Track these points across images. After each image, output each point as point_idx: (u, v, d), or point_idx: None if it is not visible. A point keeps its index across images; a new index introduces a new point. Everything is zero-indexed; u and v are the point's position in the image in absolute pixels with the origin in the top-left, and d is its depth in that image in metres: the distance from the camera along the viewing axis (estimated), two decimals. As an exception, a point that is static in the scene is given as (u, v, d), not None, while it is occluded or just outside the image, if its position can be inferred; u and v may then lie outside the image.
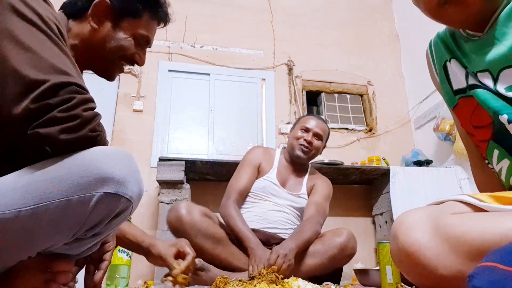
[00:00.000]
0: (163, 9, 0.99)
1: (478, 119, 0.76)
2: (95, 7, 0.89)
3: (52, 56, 0.68)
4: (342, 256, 1.61)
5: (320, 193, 1.88)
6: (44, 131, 0.64)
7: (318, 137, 1.91)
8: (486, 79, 0.72)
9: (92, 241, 0.77)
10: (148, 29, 0.96)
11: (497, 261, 0.40)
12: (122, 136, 3.15)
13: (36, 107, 0.64)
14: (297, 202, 1.87)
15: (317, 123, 1.92)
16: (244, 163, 1.91)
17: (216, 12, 3.69)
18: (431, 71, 0.92)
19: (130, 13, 0.92)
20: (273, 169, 1.91)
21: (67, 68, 0.69)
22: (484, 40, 0.74)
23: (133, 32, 0.93)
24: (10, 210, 0.62)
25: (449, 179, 2.86)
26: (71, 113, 0.65)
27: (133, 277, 2.54)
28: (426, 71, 0.96)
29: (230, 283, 1.16)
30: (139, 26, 0.94)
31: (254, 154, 1.95)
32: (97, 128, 0.70)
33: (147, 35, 0.97)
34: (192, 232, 1.58)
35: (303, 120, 1.95)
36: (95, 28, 0.89)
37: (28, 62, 0.66)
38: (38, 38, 0.69)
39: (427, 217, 0.63)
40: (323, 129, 1.93)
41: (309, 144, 1.87)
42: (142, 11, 0.94)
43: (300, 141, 1.88)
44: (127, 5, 0.92)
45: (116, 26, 0.91)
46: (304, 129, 1.90)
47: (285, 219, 1.81)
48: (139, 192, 0.72)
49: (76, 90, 0.67)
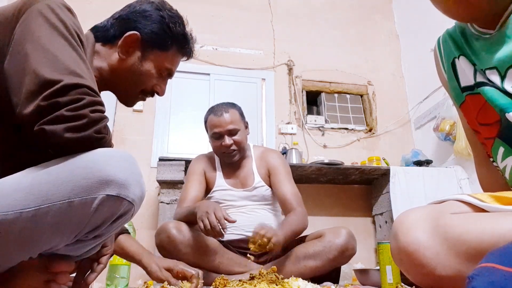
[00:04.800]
0: (189, 45, 1.03)
1: (485, 116, 0.75)
2: (126, 38, 0.93)
3: (69, 59, 0.71)
4: (342, 257, 1.59)
5: (282, 177, 1.77)
6: (50, 128, 0.65)
7: (234, 132, 1.75)
8: (494, 76, 0.72)
9: (93, 243, 0.78)
10: (173, 63, 1.01)
11: (496, 262, 0.39)
12: (122, 136, 3.15)
13: (46, 104, 0.65)
14: (256, 194, 1.80)
15: (222, 119, 1.74)
16: (188, 176, 1.85)
17: (216, 12, 3.69)
18: (438, 67, 0.91)
19: (158, 46, 0.96)
20: (219, 175, 1.84)
21: (82, 72, 0.71)
22: (494, 38, 0.73)
23: (159, 64, 0.97)
24: (12, 211, 0.62)
25: (449, 179, 2.86)
26: (78, 113, 0.66)
27: (133, 277, 2.54)
28: (426, 71, 0.97)
29: (230, 283, 1.16)
30: (165, 59, 0.98)
31: (196, 163, 1.89)
32: (103, 131, 0.70)
33: (171, 68, 1.01)
34: (187, 250, 1.55)
35: (210, 125, 1.78)
36: (122, 58, 0.93)
37: (45, 63, 0.68)
38: (59, 41, 0.72)
39: (427, 216, 0.63)
40: (231, 119, 1.75)
41: (231, 146, 1.74)
42: (170, 45, 0.98)
43: (221, 149, 1.77)
44: (157, 39, 0.95)
45: (143, 57, 0.95)
46: (216, 136, 1.77)
47: (256, 217, 1.77)
48: (141, 195, 0.72)
49: (86, 92, 0.69)
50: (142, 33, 0.94)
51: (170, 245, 1.56)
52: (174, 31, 0.97)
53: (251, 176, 1.84)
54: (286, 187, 1.75)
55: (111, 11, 1.04)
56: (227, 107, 1.80)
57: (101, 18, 1.05)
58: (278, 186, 1.77)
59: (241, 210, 1.78)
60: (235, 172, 1.86)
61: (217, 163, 1.89)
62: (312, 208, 3.08)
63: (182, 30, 1.00)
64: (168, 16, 0.97)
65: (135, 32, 0.93)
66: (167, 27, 0.96)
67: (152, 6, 0.97)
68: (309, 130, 3.48)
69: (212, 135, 1.78)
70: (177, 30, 0.98)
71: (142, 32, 0.94)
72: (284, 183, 1.77)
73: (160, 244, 1.59)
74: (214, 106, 1.85)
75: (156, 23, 0.95)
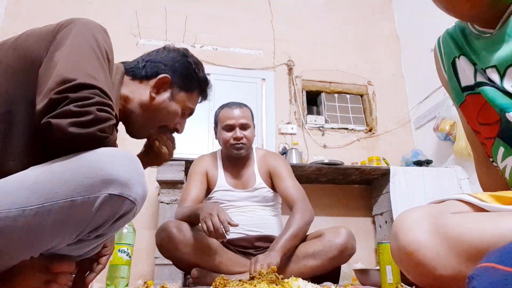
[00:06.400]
0: (208, 87, 1.15)
1: (485, 116, 0.76)
2: (160, 80, 1.03)
3: (90, 66, 0.75)
4: (342, 256, 1.60)
5: (284, 174, 1.79)
6: (55, 121, 0.66)
7: (245, 127, 1.80)
8: (493, 75, 0.72)
9: (95, 243, 0.78)
10: (194, 103, 1.12)
11: (496, 262, 0.40)
12: (122, 136, 3.14)
13: (56, 98, 0.67)
14: (257, 195, 1.81)
15: (236, 112, 1.80)
16: (190, 176, 1.86)
17: (216, 12, 3.69)
18: (438, 67, 0.91)
19: (185, 88, 1.08)
20: (220, 175, 1.85)
21: (98, 76, 0.74)
22: (495, 37, 0.73)
23: (184, 105, 1.09)
24: (15, 209, 0.63)
25: (449, 179, 2.86)
26: (85, 109, 0.68)
27: (133, 277, 2.54)
28: (426, 71, 0.97)
29: (230, 283, 1.16)
30: (190, 100, 1.10)
31: (198, 163, 1.89)
32: (107, 130, 0.71)
33: (193, 108, 1.12)
34: (187, 250, 1.55)
35: (222, 118, 1.82)
36: (153, 97, 1.03)
37: (68, 66, 0.72)
38: (86, 52, 0.77)
39: (427, 216, 0.63)
40: (245, 115, 1.81)
41: (240, 139, 1.78)
42: (194, 88, 1.10)
43: (230, 141, 1.79)
44: (185, 82, 1.07)
45: (172, 98, 1.06)
46: (228, 128, 1.80)
47: (256, 217, 1.77)
48: (143, 194, 0.73)
49: (98, 93, 0.71)
50: (172, 76, 1.05)
51: (171, 244, 1.56)
52: (199, 76, 1.10)
53: (252, 177, 1.84)
54: (288, 182, 1.77)
55: (111, 11, 1.05)
56: (241, 104, 1.86)
57: (100, 18, 1.06)
58: (280, 183, 1.79)
59: (242, 210, 1.79)
60: (237, 173, 1.86)
61: (219, 163, 1.89)
62: (312, 208, 3.07)
63: (204, 76, 1.13)
64: (194, 62, 1.10)
65: (167, 75, 1.04)
66: (194, 72, 1.09)
67: (179, 53, 1.10)
68: (309, 130, 3.48)
69: (224, 127, 1.80)
70: (201, 75, 1.11)
71: (172, 76, 1.05)
72: (285, 179, 1.78)
73: (160, 243, 1.59)
74: (227, 103, 1.89)
75: (184, 68, 1.07)
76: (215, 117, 1.89)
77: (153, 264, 2.56)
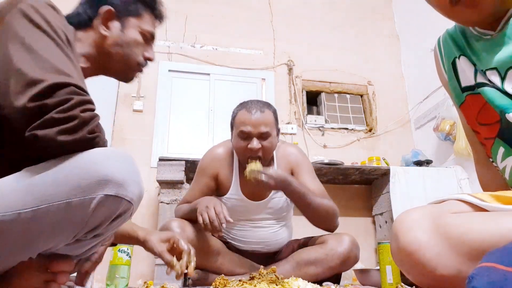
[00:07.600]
0: (158, 6, 1.07)
1: (485, 116, 0.76)
2: (104, 15, 0.95)
3: (55, 59, 0.69)
4: (344, 265, 1.54)
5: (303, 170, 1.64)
6: (42, 133, 0.64)
7: (265, 136, 1.51)
8: (494, 77, 0.72)
9: (92, 242, 0.77)
10: (150, 25, 1.04)
11: (496, 262, 0.39)
12: (122, 136, 3.15)
13: (33, 106, 0.64)
14: (272, 206, 1.65)
15: (255, 117, 1.50)
16: (198, 175, 1.67)
17: (216, 12, 3.69)
18: (438, 67, 0.91)
19: (132, 13, 1.00)
20: (235, 181, 1.62)
21: (68, 70, 0.70)
22: (495, 39, 0.74)
23: (140, 29, 1.01)
24: (10, 212, 0.62)
25: (449, 179, 2.86)
26: (68, 114, 0.65)
27: (133, 277, 2.54)
28: (426, 71, 0.97)
29: (230, 283, 1.16)
30: (143, 23, 1.02)
31: (211, 163, 1.66)
32: (96, 130, 0.70)
33: (152, 30, 1.04)
34: None
35: (238, 122, 1.54)
36: (105, 35, 0.95)
37: (30, 62, 0.67)
38: (44, 41, 0.71)
39: (428, 216, 0.63)
40: (266, 121, 1.51)
41: (258, 152, 1.50)
42: (141, 10, 1.02)
43: (245, 153, 1.51)
44: (128, 6, 0.99)
45: (123, 27, 0.98)
46: (243, 136, 1.51)
47: (269, 233, 1.66)
48: (140, 194, 0.72)
49: (74, 91, 0.67)
50: (113, 5, 0.96)
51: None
52: None
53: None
54: (312, 186, 1.62)
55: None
56: (263, 106, 1.56)
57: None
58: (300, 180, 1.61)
59: (253, 224, 1.66)
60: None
61: (235, 166, 1.65)
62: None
63: None
64: None
65: (108, 6, 0.96)
66: None
67: None
68: (309, 130, 3.48)
69: (239, 133, 1.52)
70: None
71: (113, 5, 0.96)
72: (308, 181, 1.63)
73: None
74: (248, 101, 1.60)
75: None
76: (232, 117, 1.62)
77: (153, 264, 2.56)
